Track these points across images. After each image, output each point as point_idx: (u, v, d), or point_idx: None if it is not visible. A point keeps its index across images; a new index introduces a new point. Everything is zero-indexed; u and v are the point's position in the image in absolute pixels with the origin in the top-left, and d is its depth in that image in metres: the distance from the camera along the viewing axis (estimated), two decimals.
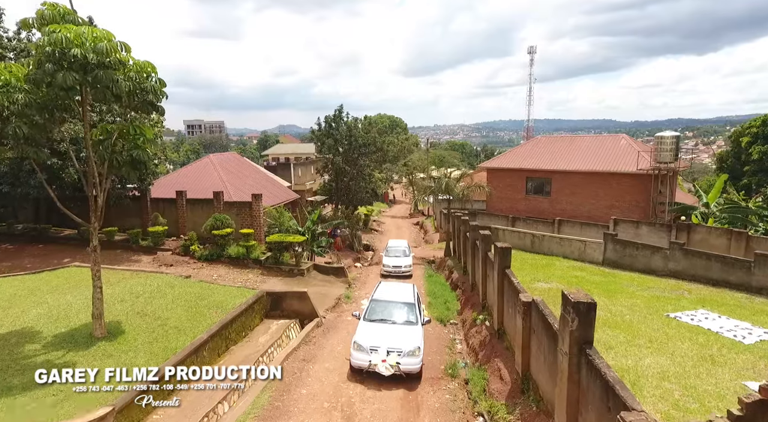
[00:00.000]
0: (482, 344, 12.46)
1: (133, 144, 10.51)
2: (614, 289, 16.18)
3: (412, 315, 11.67)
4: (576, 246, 21.77)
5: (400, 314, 11.65)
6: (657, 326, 12.15)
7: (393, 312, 11.67)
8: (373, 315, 11.58)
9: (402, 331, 10.93)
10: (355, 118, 29.62)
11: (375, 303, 12.11)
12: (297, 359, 11.35)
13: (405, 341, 10.45)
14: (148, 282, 14.18)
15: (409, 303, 12.11)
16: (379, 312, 11.66)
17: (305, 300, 14.11)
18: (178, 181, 24.38)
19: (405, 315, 11.63)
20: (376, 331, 10.78)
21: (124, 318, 11.29)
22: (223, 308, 12.25)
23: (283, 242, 18.81)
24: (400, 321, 11.41)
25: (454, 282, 20.27)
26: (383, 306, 11.87)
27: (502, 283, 11.68)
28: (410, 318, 11.55)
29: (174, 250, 19.83)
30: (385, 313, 11.61)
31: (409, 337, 10.66)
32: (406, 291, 13.01)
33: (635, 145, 28.02)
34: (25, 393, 7.85)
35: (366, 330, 10.79)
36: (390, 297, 12.29)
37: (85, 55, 8.19)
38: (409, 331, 10.95)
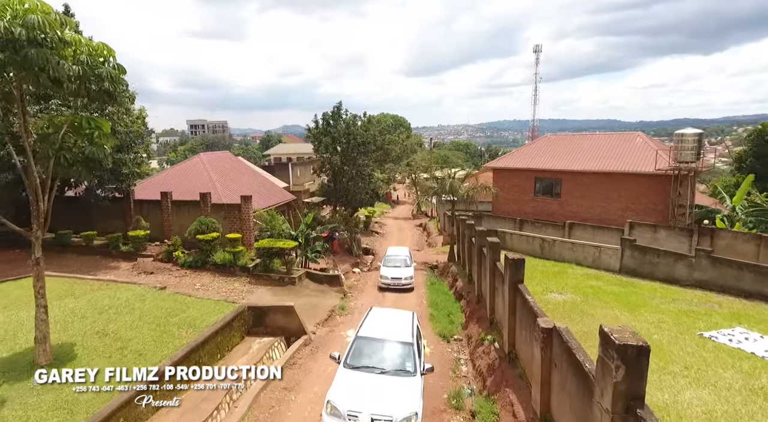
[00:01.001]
0: (491, 368, 10.91)
1: (87, 139, 9.03)
2: (636, 302, 14.59)
3: (409, 361, 9.03)
4: (590, 252, 20.14)
5: (394, 359, 9.12)
6: (691, 348, 10.58)
7: (384, 357, 9.14)
8: (358, 359, 9.02)
9: (394, 387, 8.33)
10: (353, 115, 28.11)
11: (361, 342, 9.46)
12: (277, 388, 9.85)
13: (397, 403, 7.87)
14: (117, 295, 12.71)
15: (407, 342, 9.44)
16: (366, 355, 9.12)
17: (292, 315, 12.61)
18: (166, 182, 22.97)
19: (400, 362, 9.04)
20: (358, 386, 8.27)
21: (80, 339, 9.83)
22: (196, 327, 10.77)
23: (272, 248, 17.35)
24: (392, 370, 8.80)
25: (458, 292, 18.73)
26: (372, 347, 9.30)
27: (514, 300, 10.13)
28: (406, 366, 8.94)
29: (156, 256, 18.40)
30: (373, 357, 9.08)
31: (404, 397, 8.06)
32: (403, 323, 10.36)
33: (652, 143, 26.36)
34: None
35: (345, 384, 8.32)
36: (381, 333, 9.69)
37: (11, 29, 6.74)
38: (403, 387, 8.35)
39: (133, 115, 17.82)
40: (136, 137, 17.66)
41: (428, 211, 49.76)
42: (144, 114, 18.87)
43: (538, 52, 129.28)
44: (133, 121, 17.57)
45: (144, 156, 19.92)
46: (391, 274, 19.30)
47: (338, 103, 28.22)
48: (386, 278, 19.19)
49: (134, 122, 17.66)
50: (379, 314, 11.01)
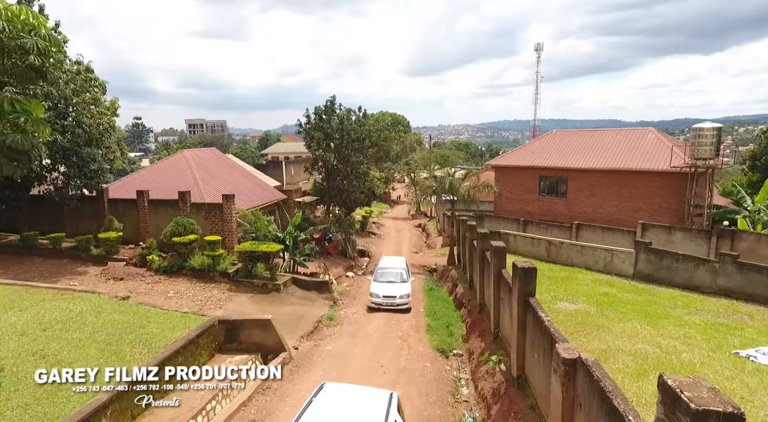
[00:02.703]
0: (495, 394, 9.37)
1: (12, 125, 7.50)
2: (656, 312, 13.08)
3: None
4: (601, 255, 18.60)
5: None
6: (729, 371, 9.06)
7: None
8: None
9: None
10: (348, 109, 26.55)
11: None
12: (245, 419, 8.31)
13: None
14: (71, 307, 11.14)
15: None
16: None
17: (269, 329, 11.06)
18: (146, 180, 21.44)
19: None
20: None
21: (11, 363, 8.29)
22: (153, 346, 9.23)
23: (255, 252, 15.83)
24: None
25: (458, 299, 17.21)
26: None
27: (524, 317, 8.59)
28: None
29: (129, 260, 16.87)
30: None
31: None
32: (372, 404, 6.48)
33: (665, 139, 24.82)
34: None
35: None
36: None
37: None
38: None
39: (102, 105, 16.27)
40: (105, 130, 16.13)
41: (427, 211, 48.31)
42: (116, 105, 17.35)
43: (539, 50, 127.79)
44: (102, 113, 16.02)
45: (116, 151, 18.36)
46: (384, 292, 16.26)
47: (332, 97, 26.69)
48: (377, 296, 16.18)
49: (103, 114, 16.11)
50: (330, 403, 6.52)
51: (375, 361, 11.72)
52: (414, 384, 10.48)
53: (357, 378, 10.49)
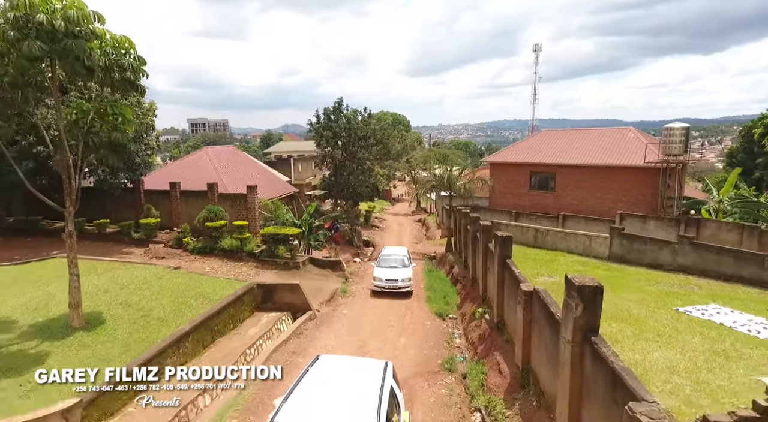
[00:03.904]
0: (481, 338, 11.84)
1: (112, 125, 9.96)
2: (621, 283, 15.52)
3: None
4: (581, 240, 21.07)
5: None
6: (666, 320, 11.53)
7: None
8: None
9: None
10: (354, 110, 29.02)
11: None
12: (286, 351, 10.79)
13: None
14: (136, 273, 13.65)
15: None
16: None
17: (298, 292, 13.53)
18: (173, 173, 23.89)
19: None
20: None
21: (106, 309, 10.77)
22: (211, 299, 11.71)
23: (278, 234, 18.26)
24: None
25: (454, 277, 19.65)
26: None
27: (502, 275, 11.06)
28: None
29: (166, 243, 19.31)
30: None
31: None
32: (364, 388, 6.12)
33: (643, 138, 27.26)
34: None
35: None
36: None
37: (53, 22, 7.66)
38: None
39: (144, 107, 18.70)
40: (147, 129, 18.55)
41: (427, 207, 50.72)
42: (154, 107, 19.75)
43: (538, 51, 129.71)
44: (144, 113, 18.48)
45: (154, 147, 20.80)
46: (386, 276, 17.34)
47: (339, 99, 29.14)
48: (380, 280, 17.24)
49: (146, 114, 18.57)
50: (327, 371, 6.57)
51: (383, 321, 14.15)
52: (416, 335, 12.94)
53: (369, 332, 12.94)
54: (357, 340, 11.95)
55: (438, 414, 8.63)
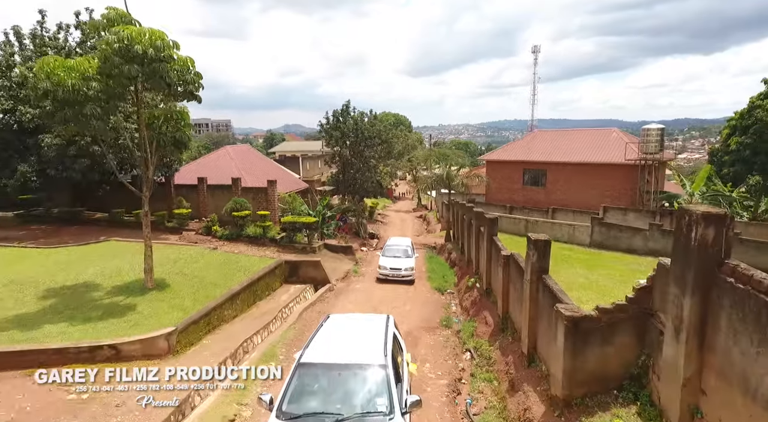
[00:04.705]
0: (473, 303, 14.32)
1: (176, 127, 12.45)
2: (596, 264, 17.98)
3: (381, 395, 5.89)
4: (566, 229, 23.58)
5: (356, 397, 5.95)
6: (628, 290, 13.95)
7: (342, 394, 6.00)
8: (299, 403, 5.85)
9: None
10: (361, 112, 31.48)
11: (305, 371, 6.24)
12: (313, 311, 13.29)
13: None
14: (182, 252, 16.16)
15: (375, 365, 6.26)
16: (313, 394, 6.03)
17: (319, 268, 16.02)
18: (198, 170, 26.36)
19: (365, 400, 5.91)
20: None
21: (167, 277, 13.26)
22: (249, 271, 14.20)
23: (296, 223, 20.71)
24: (354, 416, 5.62)
25: (452, 261, 22.12)
26: (321, 379, 6.21)
27: (490, 250, 13.52)
28: (377, 405, 5.81)
29: (197, 231, 21.79)
30: (324, 398, 5.97)
31: None
32: (372, 333, 7.13)
33: (624, 137, 29.71)
34: (103, 321, 9.84)
35: None
36: (337, 355, 6.50)
37: (146, 50, 10.13)
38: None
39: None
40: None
41: (428, 205, 53.19)
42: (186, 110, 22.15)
43: (537, 52, 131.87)
44: None
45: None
46: (390, 264, 18.56)
47: (347, 102, 31.57)
48: (385, 268, 18.44)
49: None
50: (336, 326, 7.59)
51: (391, 294, 16.60)
52: (419, 303, 15.42)
53: (379, 301, 15.39)
54: (370, 306, 14.39)
55: (437, 351, 11.10)
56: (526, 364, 8.54)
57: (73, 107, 10.21)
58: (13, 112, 18.62)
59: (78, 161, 18.16)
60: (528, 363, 8.50)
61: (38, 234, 20.47)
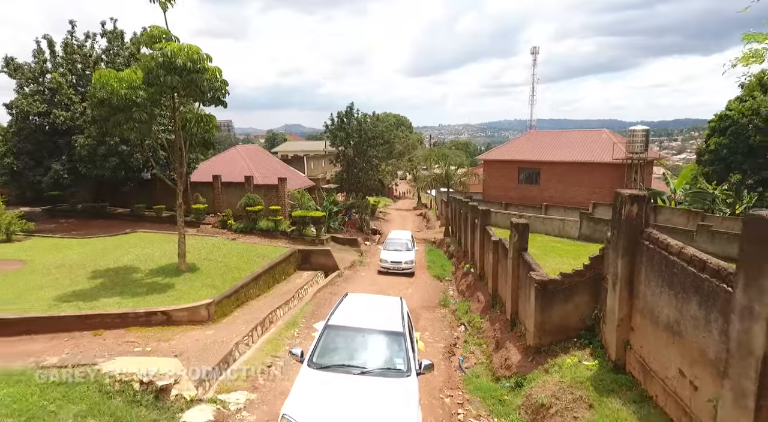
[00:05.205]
0: (468, 287, 16.01)
1: (205, 129, 14.13)
2: (582, 253, 19.49)
3: (399, 357, 6.72)
4: (556, 224, 25.26)
5: (379, 355, 6.84)
6: None
7: (365, 352, 6.85)
8: (328, 357, 6.70)
9: (381, 394, 5.97)
10: (364, 114, 33.19)
11: (333, 332, 7.14)
12: (326, 292, 15.00)
13: (385, 414, 5.61)
14: (204, 242, 17.84)
15: (394, 332, 7.12)
16: (340, 350, 6.87)
17: (329, 256, 17.70)
18: (212, 168, 28.02)
19: (387, 358, 6.77)
20: (328, 392, 5.95)
21: (196, 262, 14.93)
22: (267, 258, 15.86)
23: (306, 217, 22.36)
24: (376, 370, 6.46)
25: (450, 253, 23.81)
26: (347, 339, 7.04)
27: (483, 238, 15.18)
28: (396, 363, 6.64)
29: (213, 224, 23.44)
30: (349, 353, 6.81)
31: (394, 406, 5.76)
32: (389, 309, 8.05)
33: (614, 138, 31.39)
34: (149, 295, 11.52)
35: (310, 390, 5.96)
36: (360, 322, 7.38)
37: (185, 63, 11.79)
38: (394, 393, 6.00)
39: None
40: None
41: (428, 204, 54.90)
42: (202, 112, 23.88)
43: (536, 54, 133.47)
44: None
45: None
46: (391, 258, 19.27)
47: (350, 104, 33.34)
48: (386, 261, 19.20)
49: None
50: (356, 301, 8.49)
51: (395, 280, 18.26)
52: (420, 287, 17.12)
53: (385, 286, 17.04)
54: (377, 289, 16.04)
55: (435, 324, 12.79)
56: (510, 328, 10.22)
57: (124, 112, 11.89)
58: (48, 115, 20.29)
59: (108, 160, 19.82)
60: (511, 327, 10.18)
61: (67, 226, 22.12)
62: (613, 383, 6.49)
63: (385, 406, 5.67)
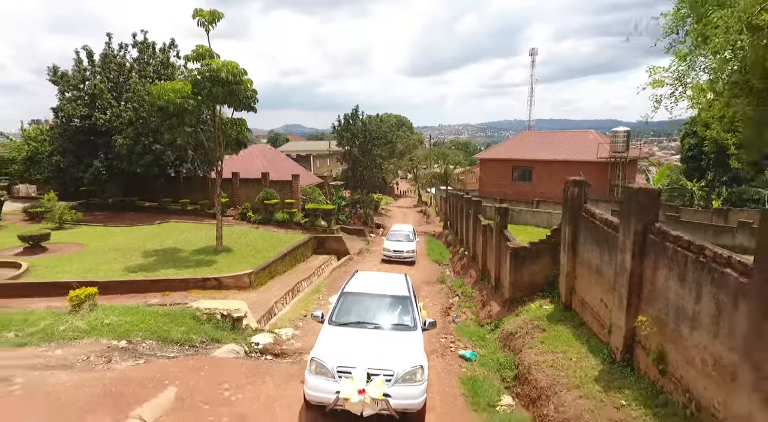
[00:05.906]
0: (462, 267, 18.49)
1: (238, 130, 16.62)
2: None
3: (407, 315, 7.79)
4: (545, 216, 27.76)
5: (389, 314, 7.86)
6: None
7: (377, 313, 7.84)
8: (345, 316, 7.74)
9: (392, 341, 7.05)
10: (369, 115, 35.65)
11: (348, 297, 8.20)
12: (340, 271, 17.50)
13: (398, 357, 6.56)
14: (231, 230, 20.31)
15: (402, 296, 8.25)
16: (355, 311, 7.87)
17: (341, 242, 20.20)
18: (229, 166, 30.46)
19: (396, 316, 7.80)
20: (348, 341, 6.94)
21: (228, 244, 17.42)
22: (288, 242, 18.33)
23: (317, 209, 24.83)
24: (387, 326, 7.53)
25: (448, 243, 26.29)
26: (361, 303, 8.06)
27: (475, 226, 17.65)
28: (404, 321, 7.67)
29: (234, 216, 25.91)
30: (364, 313, 7.82)
31: (405, 350, 6.78)
32: (395, 281, 9.07)
33: (599, 138, 33.86)
34: (198, 268, 14.02)
35: (332, 340, 6.96)
36: (372, 289, 8.43)
37: (227, 76, 14.27)
38: (403, 341, 7.07)
39: None
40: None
41: (428, 201, 57.37)
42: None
43: (534, 55, 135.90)
44: None
45: None
46: (393, 247, 20.95)
47: (356, 106, 35.82)
48: (389, 251, 20.87)
49: None
50: (366, 275, 9.75)
51: (396, 267, 20.72)
52: (421, 269, 19.60)
53: (388, 269, 19.50)
54: (383, 269, 18.53)
55: (433, 295, 15.28)
56: (494, 292, 12.70)
57: (177, 117, 14.37)
58: (89, 118, 22.77)
59: (143, 157, 22.30)
60: (495, 290, 12.66)
61: (102, 218, 24.59)
62: (561, 316, 8.98)
63: (397, 348, 6.71)
